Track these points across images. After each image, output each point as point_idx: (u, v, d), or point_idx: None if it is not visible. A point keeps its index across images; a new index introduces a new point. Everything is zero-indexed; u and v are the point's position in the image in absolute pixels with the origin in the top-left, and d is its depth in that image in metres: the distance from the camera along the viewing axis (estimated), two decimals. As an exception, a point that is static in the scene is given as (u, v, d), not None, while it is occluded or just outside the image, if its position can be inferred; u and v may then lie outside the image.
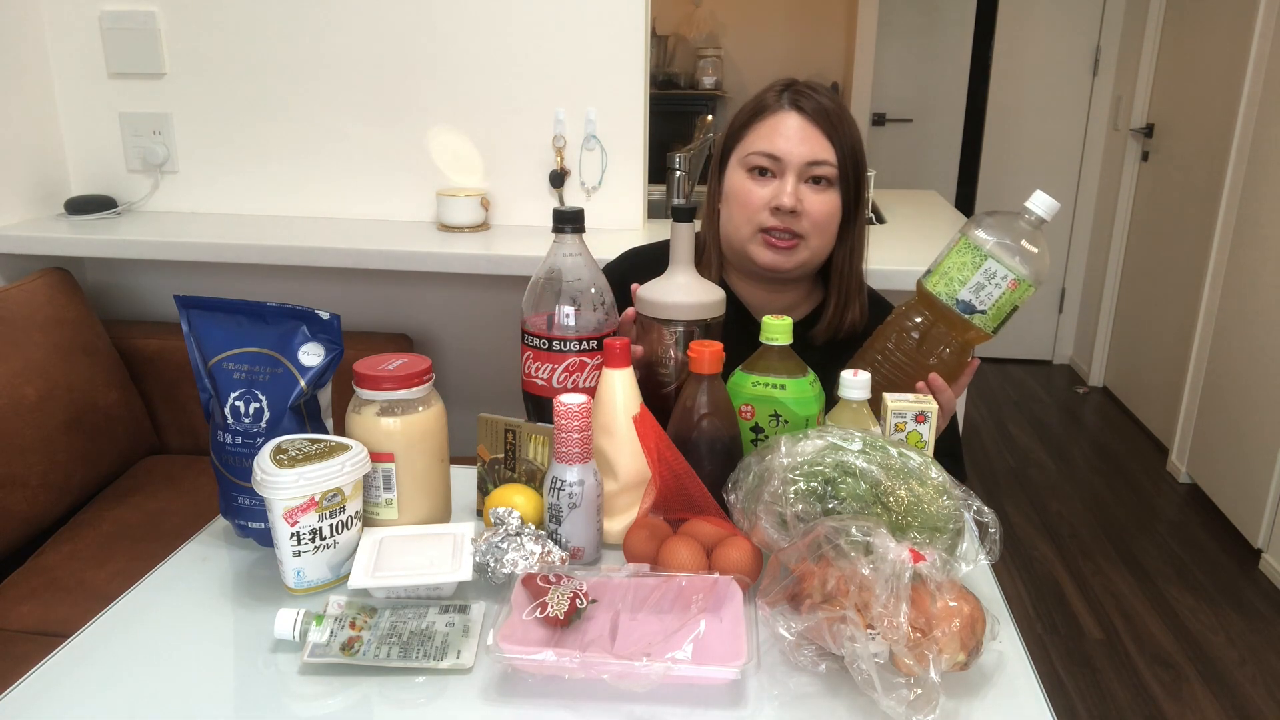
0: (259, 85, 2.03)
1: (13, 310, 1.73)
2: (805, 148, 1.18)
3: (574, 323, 1.04)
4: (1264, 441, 2.66)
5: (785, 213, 1.18)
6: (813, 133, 1.18)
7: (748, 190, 1.20)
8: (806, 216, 1.18)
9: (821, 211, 1.19)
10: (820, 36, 4.45)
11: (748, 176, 1.21)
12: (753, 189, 1.20)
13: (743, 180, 1.21)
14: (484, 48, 1.97)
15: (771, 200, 1.18)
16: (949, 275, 1.06)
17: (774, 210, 1.18)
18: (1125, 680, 2.20)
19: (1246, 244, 2.86)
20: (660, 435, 0.91)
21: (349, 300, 2.11)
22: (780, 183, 1.18)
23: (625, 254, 1.38)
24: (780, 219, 1.18)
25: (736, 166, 1.23)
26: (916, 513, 0.83)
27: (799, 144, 1.18)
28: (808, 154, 1.18)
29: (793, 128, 1.18)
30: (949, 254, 1.07)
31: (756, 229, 1.20)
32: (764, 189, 1.19)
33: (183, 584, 0.95)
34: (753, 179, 1.20)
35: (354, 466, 0.92)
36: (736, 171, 1.22)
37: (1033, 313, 4.35)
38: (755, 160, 1.20)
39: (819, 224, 1.20)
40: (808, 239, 1.20)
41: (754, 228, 1.20)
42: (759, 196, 1.19)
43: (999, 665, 0.82)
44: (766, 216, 1.19)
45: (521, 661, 0.78)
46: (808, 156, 1.18)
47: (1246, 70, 2.91)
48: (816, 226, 1.19)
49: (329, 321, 0.99)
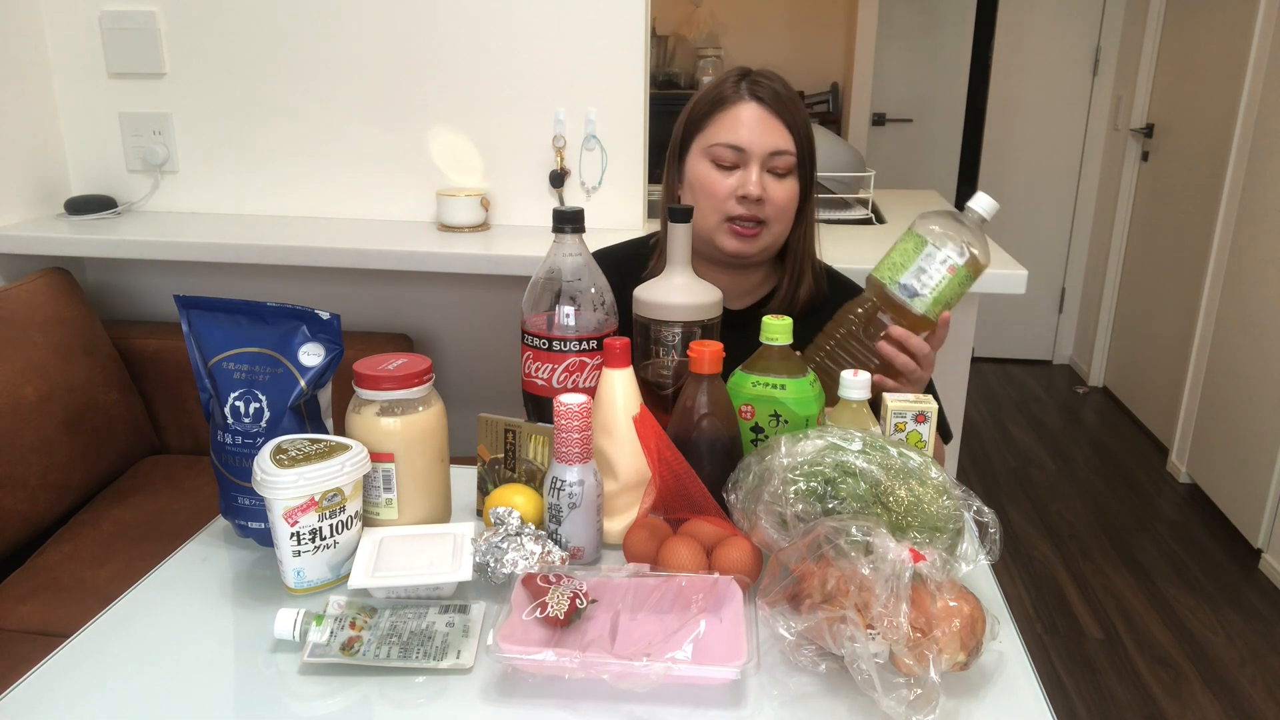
0: (259, 85, 2.03)
1: (13, 310, 1.73)
2: (767, 138, 1.22)
3: (574, 323, 1.04)
4: (1264, 441, 2.66)
5: (751, 201, 1.22)
6: (773, 122, 1.23)
7: (713, 180, 1.23)
8: (770, 204, 1.23)
9: (783, 198, 1.24)
10: (820, 36, 4.44)
11: (712, 167, 1.24)
12: (718, 179, 1.23)
13: (707, 170, 1.24)
14: (484, 48, 1.97)
15: (737, 189, 1.22)
16: (894, 261, 1.12)
17: (740, 199, 1.22)
18: (1125, 680, 2.20)
19: (1246, 244, 2.86)
20: (660, 435, 0.91)
21: (349, 300, 2.11)
22: (744, 172, 1.22)
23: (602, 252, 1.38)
24: (746, 207, 1.22)
25: (700, 157, 1.26)
26: (916, 513, 0.83)
27: (761, 135, 1.22)
28: (770, 144, 1.22)
29: (754, 118, 1.22)
30: (896, 244, 1.13)
31: (723, 218, 1.24)
32: (729, 179, 1.23)
33: (183, 584, 0.95)
34: (717, 169, 1.24)
35: (354, 466, 0.92)
36: (700, 162, 1.25)
37: (1033, 313, 4.35)
38: (719, 152, 1.23)
39: (781, 210, 1.25)
40: (770, 225, 1.25)
41: (720, 217, 1.24)
42: (725, 186, 1.23)
43: (999, 665, 0.82)
44: (733, 205, 1.23)
45: (521, 661, 0.78)
46: (770, 147, 1.22)
47: (1246, 70, 2.91)
48: (779, 212, 1.24)
49: (329, 321, 1.00)
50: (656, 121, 2.13)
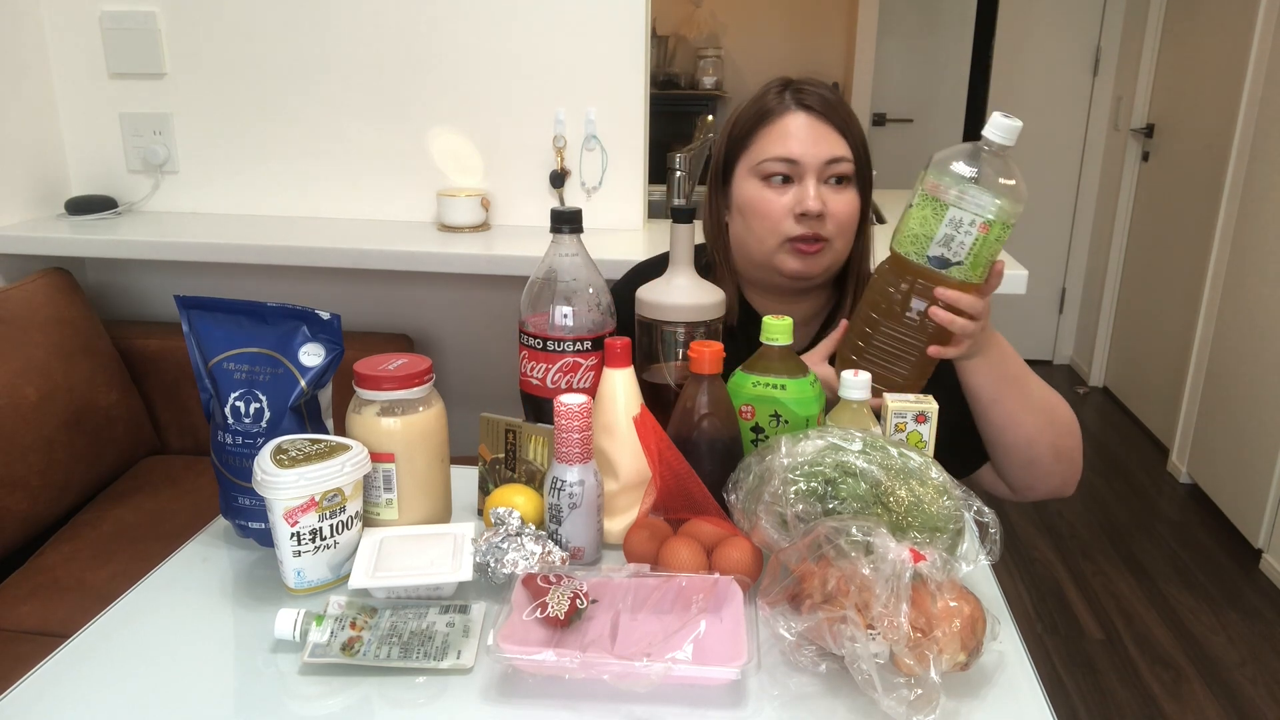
0: (259, 85, 2.03)
1: (13, 310, 1.73)
2: (821, 147, 1.13)
3: (571, 323, 1.04)
4: (1264, 441, 2.66)
5: (812, 217, 1.12)
6: (824, 130, 1.14)
7: (767, 200, 1.14)
8: (831, 219, 1.13)
9: (845, 211, 1.14)
10: (820, 36, 4.44)
11: (764, 185, 1.15)
12: (772, 198, 1.14)
13: (759, 190, 1.15)
14: (484, 48, 1.97)
15: (795, 206, 1.12)
16: (914, 233, 0.99)
17: (799, 217, 1.12)
18: (1125, 680, 2.20)
19: (1247, 244, 2.86)
20: (661, 435, 0.91)
21: (349, 300, 2.11)
22: (800, 187, 1.13)
23: (631, 271, 1.33)
24: (806, 225, 1.12)
25: (748, 176, 1.16)
26: (917, 513, 0.83)
27: (813, 144, 1.13)
28: (825, 153, 1.13)
29: (804, 127, 1.13)
30: (912, 209, 0.99)
31: (783, 239, 1.14)
32: (784, 196, 1.13)
33: (183, 584, 0.95)
34: (770, 187, 1.14)
35: (354, 467, 0.92)
36: (749, 182, 1.16)
37: (1033, 313, 4.35)
38: (770, 167, 1.14)
39: (843, 225, 1.15)
40: (832, 241, 1.14)
41: (780, 238, 1.14)
42: (780, 205, 1.13)
43: (999, 665, 0.82)
44: (792, 225, 1.13)
45: (521, 662, 0.78)
46: (825, 155, 1.12)
47: (1246, 70, 2.91)
48: (841, 228, 1.14)
49: (329, 321, 0.99)
50: (656, 122, 2.13)
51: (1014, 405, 1.10)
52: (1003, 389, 1.10)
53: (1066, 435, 1.14)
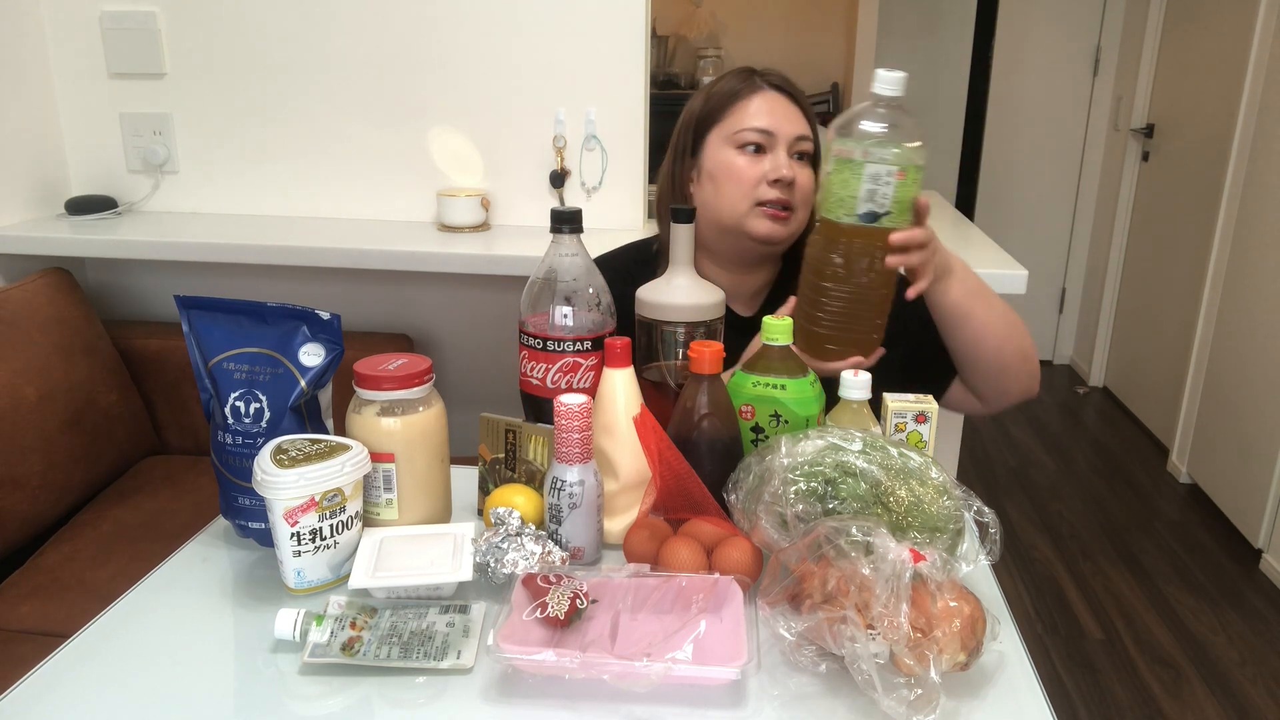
0: (259, 85, 2.03)
1: (13, 310, 1.73)
2: (792, 124, 1.24)
3: (571, 323, 1.04)
4: (1264, 441, 2.66)
5: (784, 184, 1.22)
6: (793, 110, 1.25)
7: (741, 166, 1.23)
8: (799, 189, 1.24)
9: (808, 185, 1.26)
10: (820, 36, 4.44)
11: (739, 153, 1.24)
12: (746, 165, 1.23)
13: (733, 157, 1.24)
14: (484, 48, 1.97)
15: (770, 173, 1.22)
16: (839, 196, 1.03)
17: (772, 183, 1.22)
18: (1125, 680, 2.20)
19: (1247, 244, 2.86)
20: (661, 435, 0.91)
21: (349, 300, 2.11)
22: (774, 156, 1.23)
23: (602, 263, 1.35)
24: (779, 190, 1.22)
25: (722, 145, 1.25)
26: (917, 513, 0.83)
27: (785, 120, 1.23)
28: (795, 129, 1.24)
29: (777, 103, 1.24)
30: (831, 177, 1.04)
31: (754, 203, 1.23)
32: (758, 164, 1.23)
33: (183, 584, 0.95)
34: (744, 155, 1.24)
35: (354, 467, 0.92)
36: (723, 150, 1.25)
37: (1033, 313, 4.35)
38: (746, 136, 1.23)
39: (806, 197, 1.26)
40: (797, 211, 1.25)
41: (751, 202, 1.23)
42: (754, 170, 1.23)
43: (999, 665, 0.82)
44: (765, 190, 1.22)
45: (522, 662, 0.78)
46: (795, 131, 1.24)
47: (1246, 70, 2.91)
48: (804, 199, 1.25)
49: (329, 321, 0.99)
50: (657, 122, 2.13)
51: (983, 315, 1.18)
52: (972, 302, 1.17)
53: (1024, 335, 1.24)
